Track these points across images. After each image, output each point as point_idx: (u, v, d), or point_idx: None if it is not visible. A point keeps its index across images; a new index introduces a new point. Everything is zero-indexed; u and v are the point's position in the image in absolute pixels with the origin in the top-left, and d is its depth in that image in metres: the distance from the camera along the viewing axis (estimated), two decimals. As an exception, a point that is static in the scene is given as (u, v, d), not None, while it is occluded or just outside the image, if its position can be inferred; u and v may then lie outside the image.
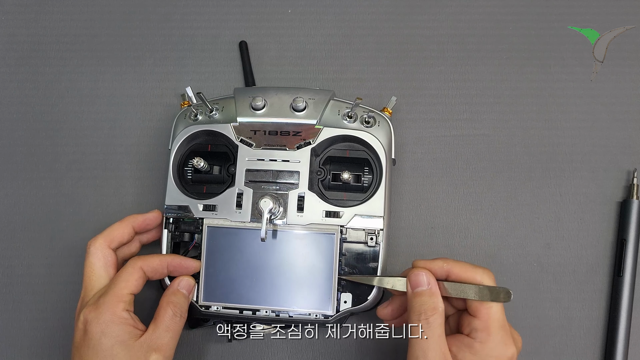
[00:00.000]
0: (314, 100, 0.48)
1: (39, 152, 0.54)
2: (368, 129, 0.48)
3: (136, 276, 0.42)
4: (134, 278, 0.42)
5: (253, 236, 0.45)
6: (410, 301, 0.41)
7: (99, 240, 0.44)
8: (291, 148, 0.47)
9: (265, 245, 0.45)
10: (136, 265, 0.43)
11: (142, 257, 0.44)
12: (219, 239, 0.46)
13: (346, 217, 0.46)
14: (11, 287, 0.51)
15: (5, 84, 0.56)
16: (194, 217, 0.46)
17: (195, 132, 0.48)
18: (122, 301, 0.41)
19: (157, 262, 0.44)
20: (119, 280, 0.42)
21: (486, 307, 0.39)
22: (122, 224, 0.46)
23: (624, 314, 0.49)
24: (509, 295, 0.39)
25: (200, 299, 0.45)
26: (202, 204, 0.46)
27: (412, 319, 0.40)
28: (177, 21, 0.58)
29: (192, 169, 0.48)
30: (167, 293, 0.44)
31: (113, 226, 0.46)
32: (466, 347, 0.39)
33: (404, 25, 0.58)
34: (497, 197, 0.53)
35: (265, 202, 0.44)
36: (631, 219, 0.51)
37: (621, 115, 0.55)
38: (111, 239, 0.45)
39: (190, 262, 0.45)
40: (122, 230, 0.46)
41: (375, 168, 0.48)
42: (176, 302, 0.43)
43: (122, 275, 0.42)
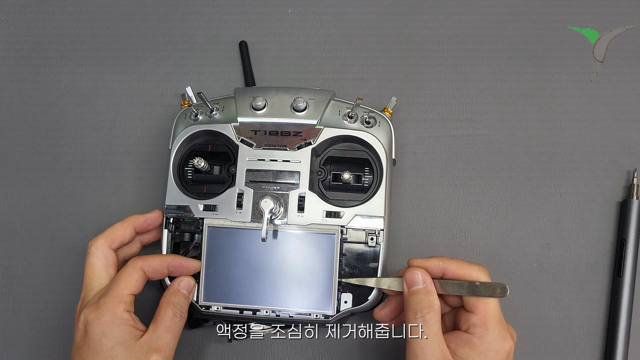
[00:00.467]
0: (314, 100, 0.48)
1: (39, 152, 0.54)
2: (368, 129, 0.48)
3: (136, 276, 0.42)
4: (134, 278, 0.42)
5: (253, 236, 0.46)
6: (406, 300, 0.41)
7: (100, 241, 0.44)
8: (292, 148, 0.47)
9: (266, 245, 0.45)
10: (136, 265, 0.43)
11: (142, 257, 0.44)
12: (219, 239, 0.46)
13: (347, 218, 0.46)
14: (11, 287, 0.51)
15: (5, 84, 0.56)
16: (194, 217, 0.46)
17: (196, 132, 0.48)
18: (123, 302, 0.41)
19: (158, 262, 0.44)
20: (119, 281, 0.42)
21: (483, 302, 0.40)
22: (123, 224, 0.46)
23: (624, 314, 0.49)
24: (505, 290, 0.40)
25: (200, 299, 0.45)
26: (202, 204, 0.46)
27: (409, 317, 0.40)
28: (177, 21, 0.58)
29: (192, 168, 0.48)
30: (167, 293, 0.44)
31: (114, 226, 0.46)
32: (465, 343, 0.40)
33: (404, 25, 0.58)
34: (497, 197, 0.53)
35: (266, 202, 0.44)
36: (631, 219, 0.51)
37: (621, 115, 0.55)
38: (112, 239, 0.45)
39: (191, 262, 0.45)
40: (123, 230, 0.46)
41: (375, 168, 0.48)
42: (176, 302, 0.43)
43: (123, 275, 0.42)
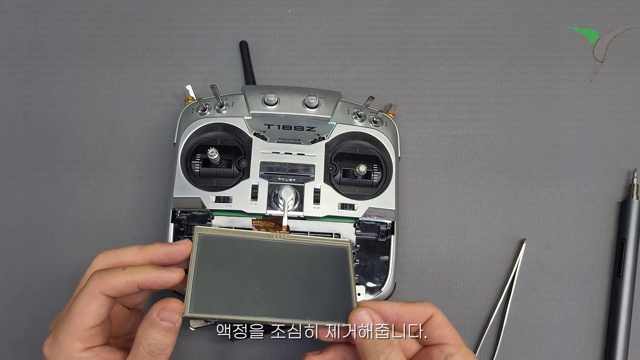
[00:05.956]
0: (324, 99, 0.50)
1: (39, 152, 0.54)
2: (377, 128, 0.49)
3: (95, 306, 0.34)
4: (91, 309, 0.34)
5: (255, 247, 0.39)
6: (360, 346, 0.36)
7: (96, 281, 0.35)
8: (305, 143, 0.48)
9: (271, 256, 0.39)
10: (94, 290, 0.34)
11: (102, 275, 0.35)
12: (213, 250, 0.38)
13: (360, 210, 0.46)
14: (11, 287, 0.51)
15: (5, 83, 0.56)
16: (206, 210, 0.46)
17: (206, 124, 0.48)
18: (79, 339, 0.34)
19: (123, 282, 0.34)
20: (74, 313, 0.34)
21: (449, 330, 0.38)
22: (137, 255, 0.37)
23: (624, 314, 0.49)
24: None
25: (186, 310, 0.35)
26: (214, 195, 0.46)
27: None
28: (177, 21, 0.58)
29: (200, 162, 0.48)
30: (144, 324, 0.34)
31: (123, 253, 0.37)
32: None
33: (404, 25, 0.58)
34: (497, 197, 0.53)
35: (287, 191, 0.45)
36: (631, 219, 0.51)
37: (621, 115, 0.55)
38: (111, 286, 0.34)
39: (170, 275, 0.35)
40: (131, 277, 0.35)
41: (384, 164, 0.49)
42: (152, 340, 0.33)
43: (77, 306, 0.34)
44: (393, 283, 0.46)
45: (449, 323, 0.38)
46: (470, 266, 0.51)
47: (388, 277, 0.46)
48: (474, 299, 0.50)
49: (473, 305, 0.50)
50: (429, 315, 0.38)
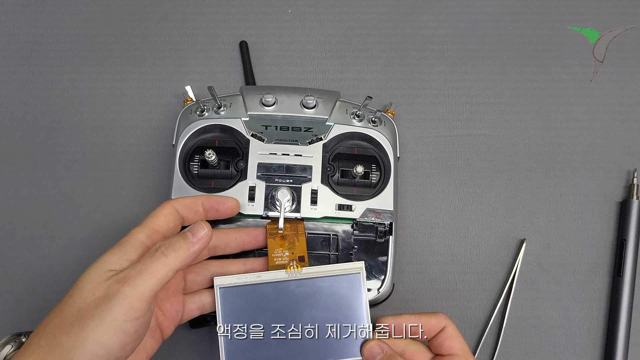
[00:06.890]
0: (322, 99, 0.50)
1: (39, 152, 0.54)
2: (375, 128, 0.49)
3: (165, 212, 0.39)
4: (162, 214, 0.39)
5: (271, 290, 0.42)
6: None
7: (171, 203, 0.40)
8: (303, 144, 0.48)
9: (288, 297, 0.42)
10: (167, 204, 0.39)
11: (172, 199, 0.41)
12: (234, 299, 0.41)
13: (358, 211, 0.46)
14: (11, 287, 0.51)
15: (5, 83, 0.56)
16: None
17: (204, 126, 0.48)
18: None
19: (190, 199, 0.41)
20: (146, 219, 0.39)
21: (458, 340, 0.40)
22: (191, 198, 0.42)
23: (624, 314, 0.49)
24: None
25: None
26: None
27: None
28: (177, 21, 0.58)
29: (198, 164, 0.48)
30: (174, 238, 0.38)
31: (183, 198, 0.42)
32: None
33: (404, 25, 0.58)
34: (497, 197, 0.53)
35: (283, 193, 0.45)
36: (631, 219, 0.51)
37: (621, 115, 0.55)
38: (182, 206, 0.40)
39: (229, 200, 0.42)
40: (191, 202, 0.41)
41: (383, 165, 0.49)
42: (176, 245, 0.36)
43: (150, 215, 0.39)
44: (391, 284, 0.46)
45: (459, 335, 0.40)
46: (470, 266, 0.51)
47: (386, 279, 0.46)
48: (474, 299, 0.50)
49: (473, 305, 0.50)
50: (442, 326, 0.40)
